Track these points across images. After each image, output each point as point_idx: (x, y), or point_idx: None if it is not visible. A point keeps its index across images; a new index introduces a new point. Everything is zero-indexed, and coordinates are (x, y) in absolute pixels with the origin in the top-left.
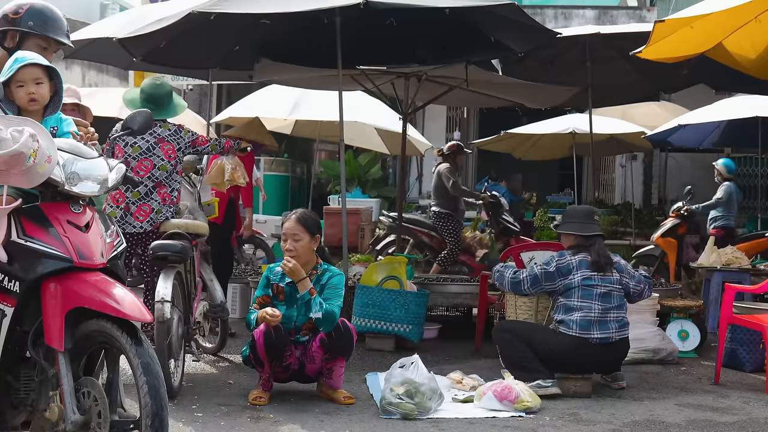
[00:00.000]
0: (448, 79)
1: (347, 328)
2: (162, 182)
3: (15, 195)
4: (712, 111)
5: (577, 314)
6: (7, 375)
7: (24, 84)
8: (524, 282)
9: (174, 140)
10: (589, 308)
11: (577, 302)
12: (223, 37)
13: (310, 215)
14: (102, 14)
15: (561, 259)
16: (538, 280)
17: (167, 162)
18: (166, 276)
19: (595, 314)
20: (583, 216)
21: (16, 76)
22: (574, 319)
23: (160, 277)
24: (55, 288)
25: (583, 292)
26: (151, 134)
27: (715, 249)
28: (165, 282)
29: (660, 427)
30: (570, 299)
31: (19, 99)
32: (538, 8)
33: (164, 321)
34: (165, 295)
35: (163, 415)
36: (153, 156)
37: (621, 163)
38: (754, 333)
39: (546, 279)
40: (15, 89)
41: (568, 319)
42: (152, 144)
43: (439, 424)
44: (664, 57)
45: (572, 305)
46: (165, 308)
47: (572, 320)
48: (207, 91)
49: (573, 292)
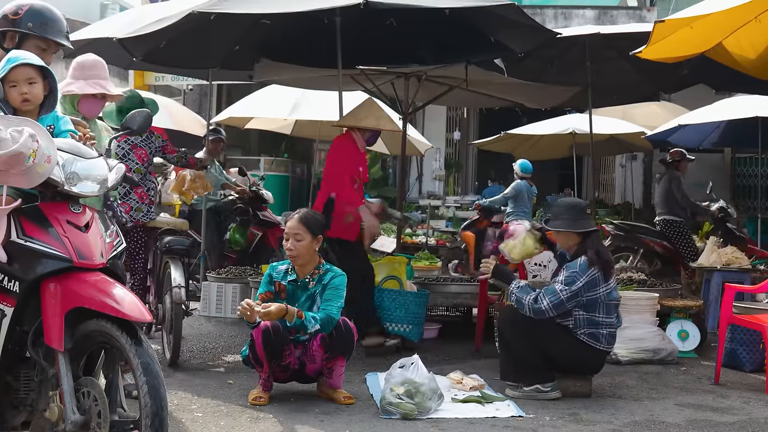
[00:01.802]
0: (448, 79)
1: (348, 327)
2: (137, 183)
3: (15, 195)
4: (712, 111)
5: (605, 329)
6: (7, 375)
7: (17, 84)
8: (548, 311)
9: (146, 145)
10: (611, 324)
11: (601, 317)
12: (223, 37)
13: (313, 215)
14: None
15: (585, 274)
16: (563, 305)
17: (141, 165)
18: (177, 266)
19: (614, 329)
20: (577, 211)
21: (8, 76)
22: (604, 334)
23: (172, 267)
24: (54, 288)
25: (606, 307)
26: (126, 141)
27: (715, 249)
28: (177, 271)
29: (660, 427)
30: (593, 314)
31: (13, 99)
32: (538, 8)
33: (181, 302)
34: (180, 282)
35: (163, 415)
36: (128, 161)
37: (621, 163)
38: (754, 333)
39: (570, 299)
40: (8, 89)
41: (598, 333)
42: (127, 150)
43: (439, 424)
44: (664, 57)
45: (597, 320)
46: (181, 292)
47: (602, 335)
48: (207, 91)
49: (597, 306)
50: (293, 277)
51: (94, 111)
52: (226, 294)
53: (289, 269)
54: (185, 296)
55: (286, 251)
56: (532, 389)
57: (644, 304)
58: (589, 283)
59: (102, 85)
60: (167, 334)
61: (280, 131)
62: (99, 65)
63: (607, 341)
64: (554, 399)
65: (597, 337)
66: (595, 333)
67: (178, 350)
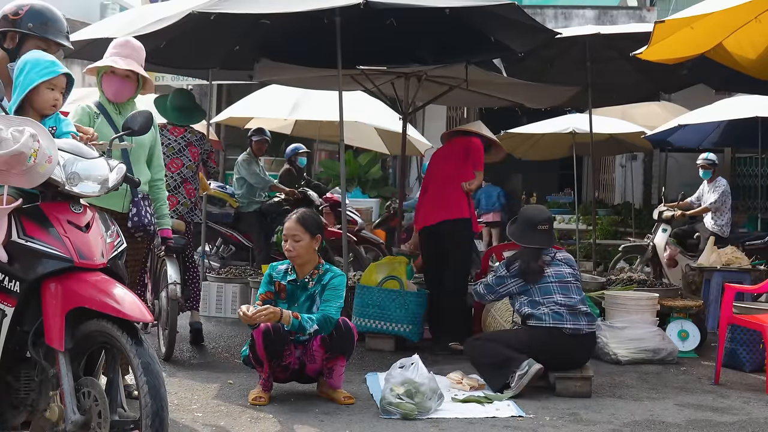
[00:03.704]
0: (448, 79)
1: (348, 327)
2: (188, 179)
3: (15, 195)
4: (712, 111)
5: (545, 308)
6: (8, 375)
7: (54, 88)
8: (480, 290)
9: (199, 145)
10: (554, 301)
11: (540, 297)
12: (223, 37)
13: (310, 215)
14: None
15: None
16: (492, 288)
17: (193, 163)
18: (172, 263)
19: (563, 306)
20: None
21: (52, 78)
22: (545, 311)
23: (168, 264)
24: (55, 288)
25: (540, 289)
26: (183, 138)
27: (715, 249)
28: (173, 267)
29: (660, 427)
30: (531, 296)
31: (45, 100)
32: (538, 8)
33: (176, 299)
34: (176, 279)
35: (163, 415)
36: (183, 156)
37: (621, 163)
38: (754, 333)
39: (498, 283)
40: (44, 89)
41: (539, 312)
42: (183, 146)
43: (439, 424)
44: (664, 58)
45: (537, 300)
46: (177, 289)
47: (543, 313)
48: (207, 91)
49: (531, 291)
50: (293, 277)
51: (120, 93)
52: (226, 294)
53: (289, 269)
54: (180, 292)
55: (285, 252)
56: (515, 379)
57: (644, 304)
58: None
59: (132, 66)
60: (163, 330)
61: (280, 131)
62: (137, 48)
63: (553, 318)
64: (548, 394)
65: (539, 317)
66: (535, 314)
67: (173, 345)
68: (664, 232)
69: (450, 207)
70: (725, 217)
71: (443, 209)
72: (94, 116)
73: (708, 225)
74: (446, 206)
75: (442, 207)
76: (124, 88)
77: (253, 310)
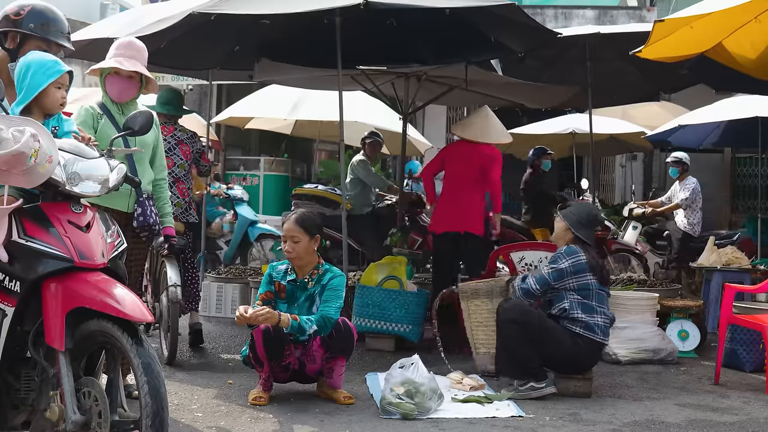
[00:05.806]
0: (448, 79)
1: (348, 327)
2: (180, 178)
3: (16, 195)
4: (712, 111)
5: (599, 318)
6: (8, 375)
7: (61, 87)
8: (533, 288)
9: (190, 143)
10: (605, 313)
11: (595, 304)
12: (223, 37)
13: (309, 215)
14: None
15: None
16: (547, 282)
17: (185, 161)
18: (172, 264)
19: (608, 320)
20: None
21: (59, 78)
22: (599, 323)
23: (168, 266)
24: (55, 288)
25: (598, 296)
26: (173, 136)
27: (715, 249)
28: (173, 269)
29: (660, 427)
30: (587, 300)
31: (54, 100)
32: (538, 8)
33: (177, 301)
34: (176, 281)
35: (163, 415)
36: (174, 155)
37: (621, 163)
38: (754, 333)
39: (557, 279)
40: (52, 89)
41: (593, 322)
42: (173, 144)
43: (439, 424)
44: (663, 57)
45: (592, 305)
46: (178, 291)
47: (597, 325)
48: (207, 91)
49: (590, 294)
50: (292, 277)
51: (124, 93)
52: (226, 294)
53: (289, 269)
54: (181, 294)
55: (284, 253)
56: (527, 387)
57: (644, 304)
58: (576, 266)
59: (136, 67)
60: (164, 333)
61: (280, 131)
62: (140, 49)
63: (603, 332)
64: (549, 395)
65: (592, 328)
66: (589, 323)
67: (175, 349)
68: (635, 230)
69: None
70: (696, 215)
71: (467, 220)
72: (98, 117)
73: (679, 224)
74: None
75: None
76: (127, 88)
77: (252, 311)
